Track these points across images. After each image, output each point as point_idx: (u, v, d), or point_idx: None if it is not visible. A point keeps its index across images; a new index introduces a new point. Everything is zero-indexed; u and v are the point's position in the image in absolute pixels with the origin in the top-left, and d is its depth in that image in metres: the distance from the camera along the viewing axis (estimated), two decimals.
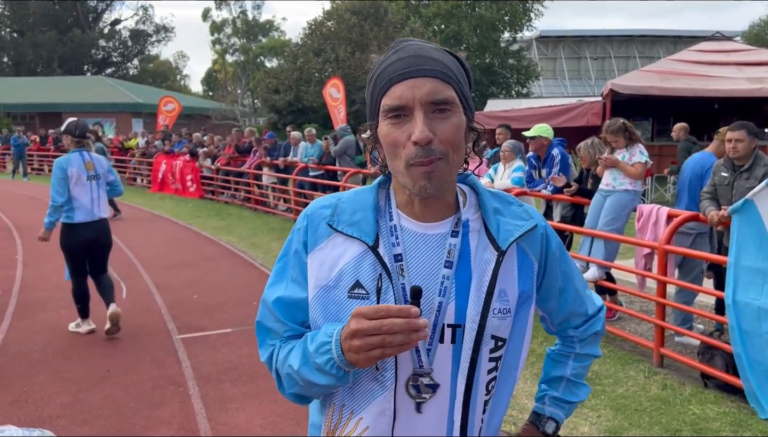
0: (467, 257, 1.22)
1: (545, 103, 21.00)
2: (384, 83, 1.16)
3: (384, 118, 1.17)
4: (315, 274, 1.23)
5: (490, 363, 1.23)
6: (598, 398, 4.23)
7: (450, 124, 1.14)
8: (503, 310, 1.22)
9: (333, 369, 1.13)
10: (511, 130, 8.35)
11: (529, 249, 1.28)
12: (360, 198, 1.26)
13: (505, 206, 1.29)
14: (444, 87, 1.15)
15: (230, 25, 58.74)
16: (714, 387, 4.33)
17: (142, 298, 6.76)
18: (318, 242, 1.24)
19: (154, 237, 10.58)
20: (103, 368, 4.81)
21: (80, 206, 5.34)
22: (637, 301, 6.29)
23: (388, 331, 1.03)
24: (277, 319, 1.28)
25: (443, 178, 1.15)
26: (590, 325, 1.46)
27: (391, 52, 1.20)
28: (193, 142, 16.51)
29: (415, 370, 1.19)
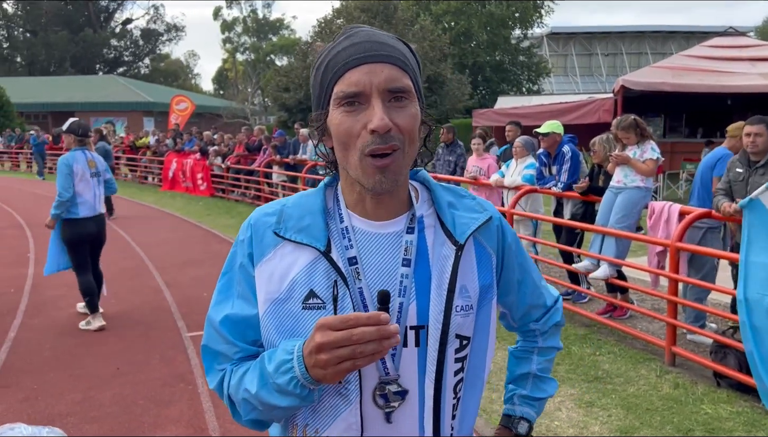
0: (425, 254, 1.17)
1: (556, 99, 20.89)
2: (338, 69, 1.09)
3: (336, 107, 1.09)
4: (264, 288, 1.15)
5: (456, 364, 1.18)
6: (608, 397, 4.19)
7: (407, 114, 1.09)
8: (465, 307, 1.18)
9: (297, 389, 1.05)
10: (521, 127, 8.30)
11: (486, 242, 1.24)
12: (306, 201, 1.20)
13: (458, 199, 1.24)
14: (401, 74, 1.09)
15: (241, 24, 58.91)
16: (727, 387, 4.28)
17: (152, 296, 6.78)
18: (265, 253, 1.16)
19: (165, 235, 10.62)
20: (113, 366, 4.83)
21: (84, 202, 5.57)
22: (649, 299, 6.23)
23: (358, 341, 0.96)
24: (226, 340, 1.19)
25: (398, 171, 1.09)
26: (550, 316, 1.43)
27: (343, 37, 1.13)
28: (203, 141, 16.56)
29: (381, 378, 1.13)
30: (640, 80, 13.51)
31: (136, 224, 11.77)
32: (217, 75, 63.19)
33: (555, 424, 3.86)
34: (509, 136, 8.13)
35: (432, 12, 35.34)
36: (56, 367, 4.82)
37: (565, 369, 4.69)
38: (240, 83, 46.67)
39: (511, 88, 36.76)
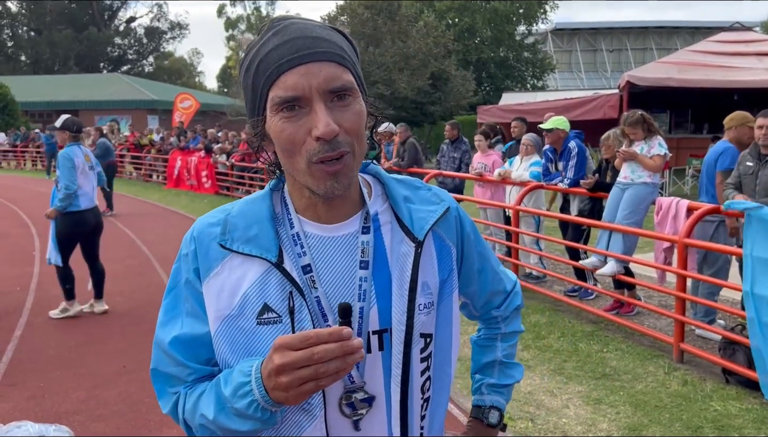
0: (383, 254, 1.11)
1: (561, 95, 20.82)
2: (270, 72, 1.00)
3: (275, 113, 1.01)
4: (214, 304, 1.07)
5: (422, 364, 1.13)
6: (617, 394, 4.17)
7: (353, 112, 1.01)
8: (428, 304, 1.13)
9: (257, 412, 0.98)
10: (526, 123, 8.26)
11: (445, 234, 1.18)
12: (252, 209, 1.11)
13: (413, 192, 1.18)
14: (341, 71, 1.01)
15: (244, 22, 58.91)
16: (736, 384, 4.25)
17: (157, 294, 6.77)
18: (212, 267, 1.08)
19: (170, 233, 10.62)
20: (119, 364, 4.83)
21: (84, 194, 5.78)
22: (656, 296, 6.19)
23: (320, 360, 0.89)
24: (178, 362, 1.11)
25: (351, 174, 1.03)
26: (511, 301, 1.40)
27: (270, 33, 1.02)
28: (208, 139, 16.57)
29: (346, 387, 1.08)
30: (645, 76, 13.45)
31: (141, 222, 11.78)
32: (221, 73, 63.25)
33: (563, 421, 3.83)
34: (515, 133, 8.09)
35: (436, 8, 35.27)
36: (62, 365, 4.82)
37: (572, 366, 4.66)
38: None
39: (515, 85, 36.66)
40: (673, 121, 18.08)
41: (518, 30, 37.78)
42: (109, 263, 8.21)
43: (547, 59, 38.74)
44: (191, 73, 67.48)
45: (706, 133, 16.27)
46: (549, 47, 43.03)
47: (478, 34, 35.81)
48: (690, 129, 17.75)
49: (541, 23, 39.34)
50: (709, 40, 16.08)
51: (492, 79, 36.74)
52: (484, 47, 35.85)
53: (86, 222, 5.84)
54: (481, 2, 35.89)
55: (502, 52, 36.89)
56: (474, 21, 35.21)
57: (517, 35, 37.57)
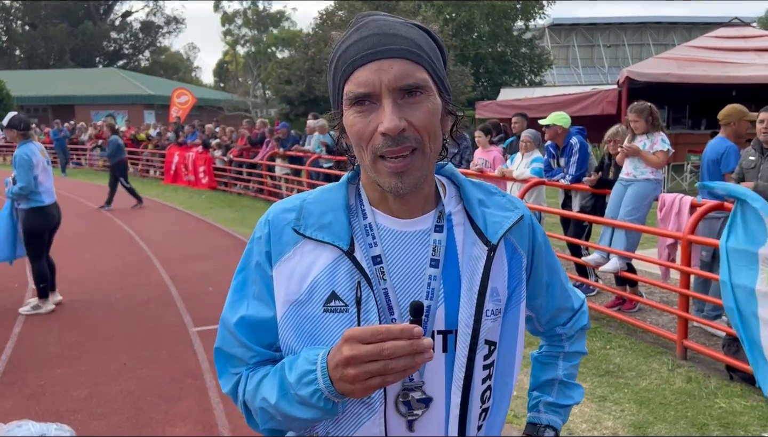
0: (454, 254, 1.11)
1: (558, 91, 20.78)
2: (346, 67, 1.02)
3: (348, 107, 1.03)
4: (283, 288, 1.08)
5: (484, 371, 1.12)
6: (621, 391, 4.15)
7: (423, 110, 1.01)
8: (495, 311, 1.12)
9: (320, 402, 0.99)
10: (527, 119, 8.23)
11: (518, 242, 1.17)
12: (328, 197, 1.12)
13: (488, 197, 1.18)
14: (414, 68, 1.00)
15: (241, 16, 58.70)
16: (740, 380, 4.24)
17: (157, 291, 6.74)
18: (283, 252, 1.09)
19: (169, 229, 10.58)
20: (120, 361, 4.79)
21: (46, 190, 5.82)
22: (657, 292, 6.18)
23: (389, 356, 0.89)
24: (241, 343, 1.12)
25: (418, 173, 1.02)
26: (577, 320, 1.37)
27: (352, 29, 1.04)
28: (205, 134, 16.50)
29: (404, 385, 1.07)
30: (644, 71, 13.42)
31: (139, 218, 11.73)
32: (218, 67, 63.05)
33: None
34: (516, 128, 8.07)
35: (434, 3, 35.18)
36: (62, 363, 4.78)
37: None
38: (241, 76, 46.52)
39: (513, 80, 36.59)
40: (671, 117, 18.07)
41: (516, 25, 37.71)
42: (109, 260, 8.22)
43: (545, 55, 38.68)
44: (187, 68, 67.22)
45: (705, 128, 16.27)
46: (546, 43, 42.98)
47: (476, 29, 35.71)
48: (688, 125, 17.74)
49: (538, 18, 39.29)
50: (708, 35, 16.04)
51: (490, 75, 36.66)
52: (481, 42, 35.75)
53: (52, 216, 5.94)
54: None
55: (499, 47, 36.80)
56: (472, 16, 35.11)
57: (514, 30, 37.50)
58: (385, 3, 28.51)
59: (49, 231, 6.01)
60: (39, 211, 5.79)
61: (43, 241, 5.96)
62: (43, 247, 5.98)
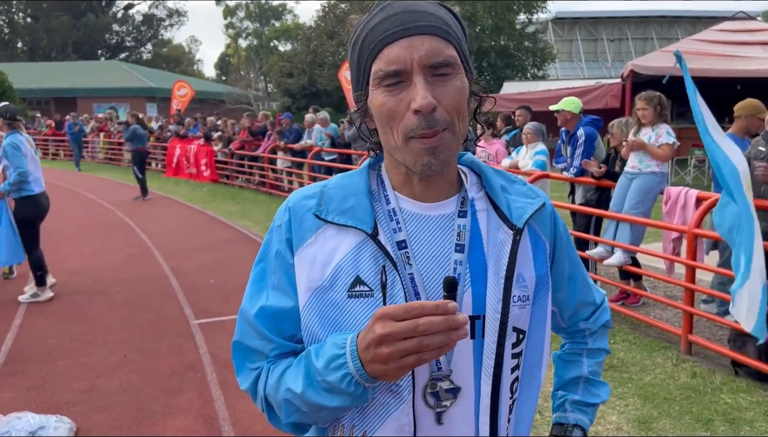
0: (478, 239, 1.08)
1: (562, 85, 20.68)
2: (374, 45, 0.99)
3: (376, 87, 1.00)
4: (306, 275, 1.05)
5: (513, 360, 1.08)
6: (625, 386, 4.12)
7: (454, 88, 0.99)
8: (522, 297, 1.09)
9: (350, 386, 0.95)
10: (530, 112, 8.17)
11: (540, 229, 1.15)
12: (350, 182, 1.10)
13: (510, 184, 1.16)
14: (444, 45, 0.99)
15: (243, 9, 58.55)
16: (746, 375, 4.20)
17: (158, 283, 6.71)
18: (305, 237, 1.06)
19: (170, 222, 10.55)
20: (121, 353, 4.77)
21: (35, 179, 5.92)
22: (661, 286, 6.14)
23: (424, 332, 0.86)
24: (262, 336, 1.08)
25: (449, 151, 1.00)
26: (599, 315, 1.34)
27: (377, 9, 1.02)
28: (207, 127, 16.45)
29: (432, 375, 1.03)
30: (649, 65, 13.34)
31: (141, 210, 11.70)
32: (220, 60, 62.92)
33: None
34: (519, 121, 8.02)
35: None
36: (63, 355, 4.76)
37: None
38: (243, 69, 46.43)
39: (515, 74, 36.47)
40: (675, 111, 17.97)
41: (519, 19, 37.56)
42: (110, 252, 8.19)
43: (548, 49, 38.53)
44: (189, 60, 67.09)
45: None
46: (549, 36, 42.81)
47: (479, 22, 35.56)
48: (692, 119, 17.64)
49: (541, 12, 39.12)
50: (713, 29, 15.96)
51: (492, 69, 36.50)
52: (484, 36, 35.60)
53: (42, 205, 6.02)
54: None
55: (502, 40, 36.67)
56: (475, 9, 34.97)
57: (517, 24, 37.35)
58: None
59: (41, 219, 6.11)
60: (29, 200, 5.90)
61: (36, 230, 6.05)
62: (37, 236, 6.06)
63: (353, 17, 1.07)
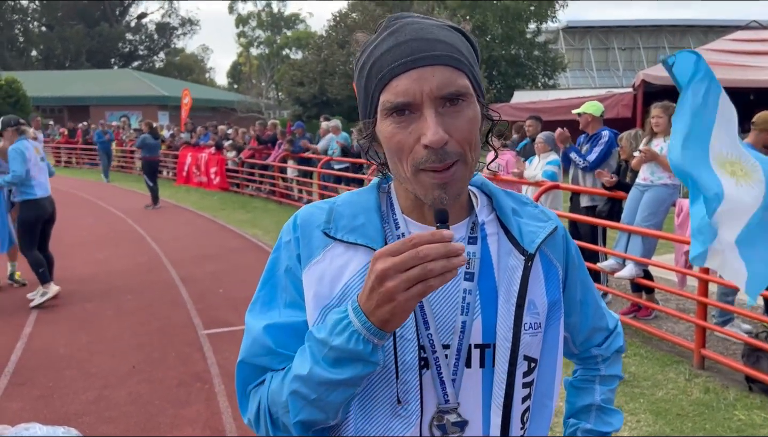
0: (489, 265, 1.06)
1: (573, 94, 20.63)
2: (383, 75, 0.96)
3: (385, 117, 0.97)
4: (313, 291, 1.03)
5: (524, 390, 1.05)
6: (636, 401, 4.06)
7: (465, 119, 0.96)
8: (534, 325, 1.06)
9: (359, 344, 0.90)
10: (541, 122, 8.14)
11: (552, 253, 1.12)
12: (360, 199, 1.08)
13: (521, 206, 1.13)
14: (456, 75, 0.95)
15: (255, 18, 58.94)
16: (760, 391, 4.13)
17: (167, 291, 6.72)
18: (313, 255, 1.04)
19: (180, 230, 10.58)
20: (129, 363, 4.76)
21: (39, 183, 6.19)
22: (673, 299, 6.07)
23: (425, 258, 0.85)
24: (269, 350, 1.04)
25: (461, 183, 0.98)
26: (612, 341, 1.30)
27: (386, 33, 0.98)
28: (218, 135, 16.52)
29: (439, 407, 1.01)
30: (660, 74, 13.24)
31: (151, 218, 11.75)
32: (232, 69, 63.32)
33: None
34: (530, 131, 7.98)
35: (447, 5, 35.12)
36: (71, 364, 4.76)
37: None
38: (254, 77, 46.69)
39: (526, 83, 36.44)
40: None
41: (529, 28, 37.58)
42: (120, 260, 8.22)
43: (559, 58, 38.50)
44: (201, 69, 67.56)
45: None
46: (561, 45, 42.77)
47: (489, 31, 35.60)
48: None
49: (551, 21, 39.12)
50: (726, 38, 15.87)
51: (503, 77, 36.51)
52: (495, 45, 35.64)
53: (44, 209, 6.26)
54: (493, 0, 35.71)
55: (513, 49, 36.69)
56: (485, 18, 35.03)
57: (528, 33, 37.36)
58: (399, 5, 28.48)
59: (42, 223, 6.28)
60: (31, 204, 6.15)
61: (34, 233, 6.24)
62: (34, 239, 6.25)
63: (359, 35, 1.04)
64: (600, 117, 6.18)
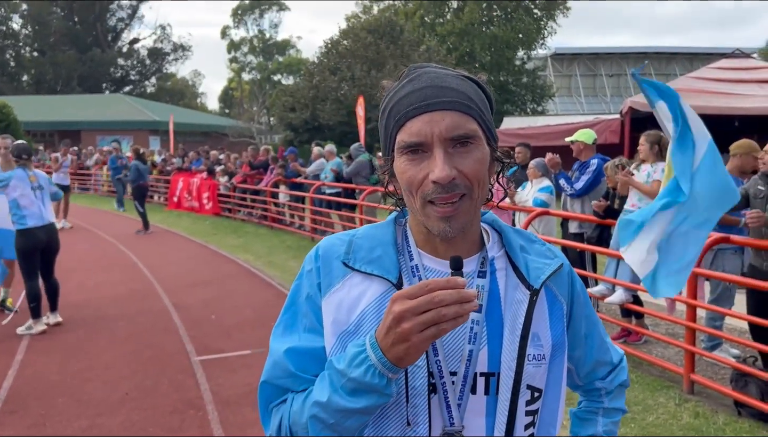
0: (497, 298, 1.14)
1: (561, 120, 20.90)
2: (399, 117, 1.07)
3: (400, 154, 1.08)
4: (332, 318, 1.11)
5: (527, 418, 1.12)
6: (627, 426, 4.10)
7: (472, 159, 1.06)
8: (538, 356, 1.13)
9: (375, 378, 0.97)
10: (530, 149, 8.26)
11: (558, 290, 1.20)
12: (377, 233, 1.17)
13: (529, 244, 1.21)
14: (465, 120, 1.06)
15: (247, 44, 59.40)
16: (749, 416, 4.18)
17: (160, 318, 6.71)
18: (333, 283, 1.13)
19: (172, 256, 10.58)
20: (122, 391, 4.76)
21: (30, 213, 6.10)
22: (663, 324, 6.14)
23: (440, 303, 0.92)
24: (290, 373, 1.12)
25: (465, 217, 1.07)
26: (616, 375, 1.36)
27: (406, 80, 1.10)
28: (210, 160, 16.58)
29: (445, 430, 1.08)
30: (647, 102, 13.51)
31: (143, 244, 11.73)
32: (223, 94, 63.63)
33: None
34: (519, 158, 8.08)
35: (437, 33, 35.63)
36: (64, 392, 4.75)
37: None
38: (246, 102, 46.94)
39: (515, 109, 36.87)
40: None
41: (518, 55, 38.13)
42: (112, 286, 8.21)
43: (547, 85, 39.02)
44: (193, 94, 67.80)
45: None
46: (549, 72, 43.35)
47: (478, 59, 36.11)
48: None
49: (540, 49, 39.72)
50: (710, 66, 16.17)
51: None
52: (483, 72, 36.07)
53: (37, 238, 6.14)
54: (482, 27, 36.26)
55: (501, 76, 37.20)
56: (473, 46, 35.55)
57: (516, 60, 37.90)
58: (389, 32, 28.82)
59: (39, 252, 6.20)
60: (22, 233, 6.09)
61: (31, 262, 6.17)
62: (32, 267, 6.19)
63: (385, 82, 1.16)
64: (592, 144, 6.33)
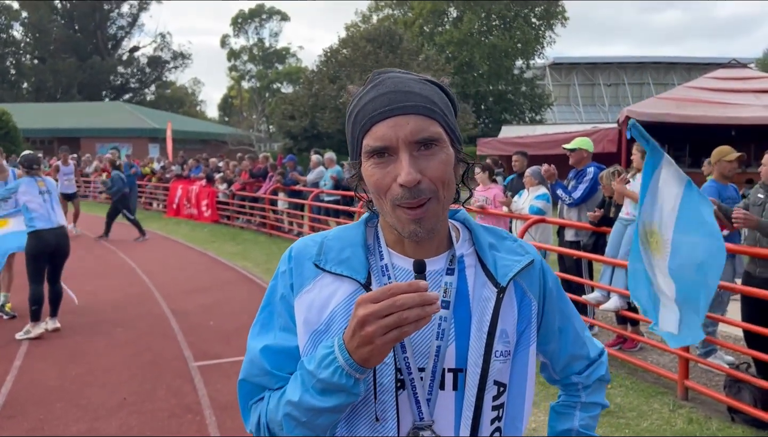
0: (465, 295, 1.16)
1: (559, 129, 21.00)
2: (365, 122, 1.10)
3: (367, 159, 1.10)
4: (303, 317, 1.14)
5: (493, 412, 1.15)
6: (622, 432, 4.13)
7: (438, 161, 1.08)
8: (505, 352, 1.16)
9: (342, 379, 1.01)
10: (527, 157, 8.33)
11: (528, 286, 1.21)
12: (347, 234, 1.20)
13: (499, 241, 1.23)
14: (428, 123, 1.08)
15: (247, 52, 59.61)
16: (742, 422, 4.22)
17: (158, 324, 6.74)
18: (304, 284, 1.16)
19: (170, 262, 10.61)
20: (120, 395, 4.78)
21: (38, 216, 6.20)
22: None
23: (402, 307, 0.95)
24: (266, 371, 1.16)
25: (434, 219, 1.10)
26: (594, 370, 1.37)
27: (370, 85, 1.12)
28: (209, 168, 16.63)
29: (415, 424, 1.11)
30: (644, 111, 13.59)
31: (141, 250, 11.76)
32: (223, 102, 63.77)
33: None
34: (516, 166, 8.15)
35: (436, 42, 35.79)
36: (62, 397, 4.77)
37: None
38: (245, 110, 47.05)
39: (513, 118, 37.02)
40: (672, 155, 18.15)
41: (516, 64, 38.31)
42: (111, 292, 8.23)
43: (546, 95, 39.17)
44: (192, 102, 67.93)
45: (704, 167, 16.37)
46: (547, 81, 43.53)
47: (477, 68, 36.28)
48: (688, 163, 17.88)
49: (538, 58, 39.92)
50: (707, 76, 16.28)
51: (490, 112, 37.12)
52: (482, 81, 36.31)
53: (46, 241, 6.19)
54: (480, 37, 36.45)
55: (500, 85, 37.37)
56: (473, 56, 35.72)
57: (515, 69, 38.07)
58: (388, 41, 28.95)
59: (47, 255, 6.22)
60: (32, 235, 6.15)
61: (38, 265, 6.20)
62: (38, 271, 6.21)
63: (351, 87, 1.18)
64: (591, 152, 6.39)
